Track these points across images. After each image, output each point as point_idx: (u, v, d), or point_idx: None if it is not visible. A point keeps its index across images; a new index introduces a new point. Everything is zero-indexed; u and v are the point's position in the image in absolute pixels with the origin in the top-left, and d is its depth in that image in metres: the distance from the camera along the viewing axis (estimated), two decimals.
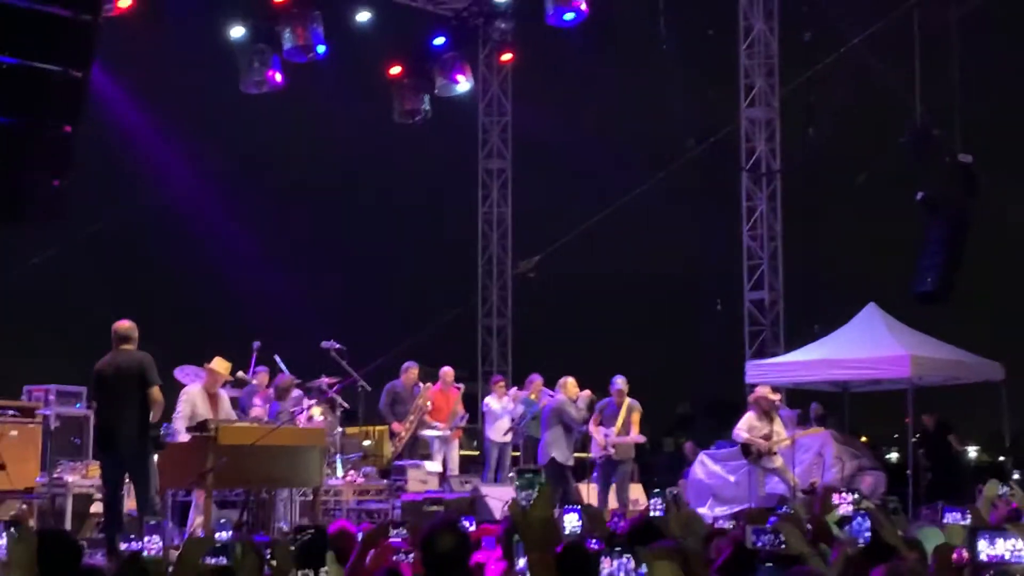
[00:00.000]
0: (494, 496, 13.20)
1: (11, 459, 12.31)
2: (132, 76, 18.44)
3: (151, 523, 5.66)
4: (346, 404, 14.94)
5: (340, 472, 14.29)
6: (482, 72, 22.65)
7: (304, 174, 22.93)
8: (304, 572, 5.77)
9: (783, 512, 7.47)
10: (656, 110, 20.37)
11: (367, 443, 15.64)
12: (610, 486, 14.52)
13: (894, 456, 24.95)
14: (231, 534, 6.04)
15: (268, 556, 5.48)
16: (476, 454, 17.57)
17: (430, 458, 15.06)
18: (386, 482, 14.45)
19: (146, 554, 5.45)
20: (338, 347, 14.91)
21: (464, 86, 18.92)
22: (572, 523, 6.05)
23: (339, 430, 14.77)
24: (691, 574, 5.13)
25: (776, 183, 20.37)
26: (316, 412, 13.80)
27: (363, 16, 18.22)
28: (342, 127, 20.96)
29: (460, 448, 16.30)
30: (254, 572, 5.28)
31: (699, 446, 18.14)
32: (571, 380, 14.63)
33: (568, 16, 17.32)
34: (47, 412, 13.15)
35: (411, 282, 24.24)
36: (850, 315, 17.60)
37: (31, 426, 13.12)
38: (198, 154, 20.99)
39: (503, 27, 20.39)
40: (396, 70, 18.88)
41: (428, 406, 15.15)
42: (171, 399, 11.63)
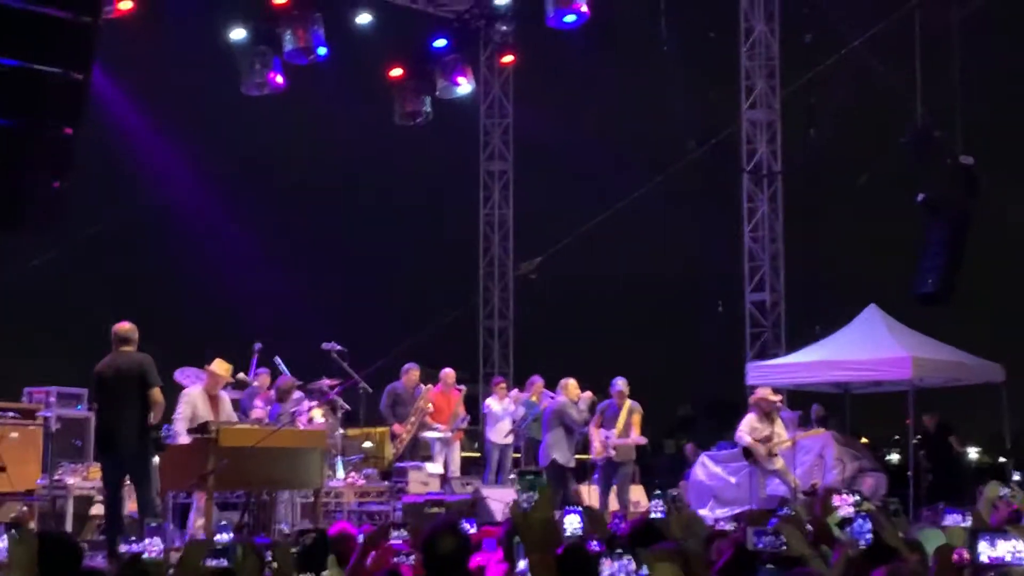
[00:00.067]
0: (495, 498, 13.18)
1: (12, 461, 12.29)
2: (132, 78, 18.45)
3: (152, 525, 5.65)
4: (347, 406, 14.94)
5: (341, 474, 14.29)
6: (483, 74, 22.64)
7: (305, 176, 22.92)
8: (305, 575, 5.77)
9: (784, 514, 7.46)
10: (657, 112, 20.37)
11: (368, 445, 15.62)
12: (611, 488, 14.51)
13: (895, 458, 24.92)
14: (232, 536, 6.04)
15: (269, 558, 5.49)
16: (477, 456, 17.55)
17: (431, 460, 15.06)
18: (387, 484, 14.44)
19: (146, 556, 5.45)
20: (339, 349, 14.92)
21: (465, 88, 18.91)
22: (573, 524, 6.03)
23: (340, 432, 14.76)
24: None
25: (777, 184, 20.40)
26: (317, 414, 13.79)
27: (364, 18, 18.23)
28: (343, 129, 20.96)
29: (461, 450, 16.29)
30: (255, 574, 5.28)
31: (700, 447, 18.14)
32: (572, 381, 14.61)
33: (569, 18, 17.31)
34: (48, 414, 13.13)
35: (412, 283, 24.23)
36: (851, 316, 17.59)
37: (32, 428, 13.11)
38: (198, 156, 20.98)
39: (504, 29, 20.39)
40: (397, 72, 18.88)
41: (429, 408, 15.15)
42: (171, 401, 11.63)
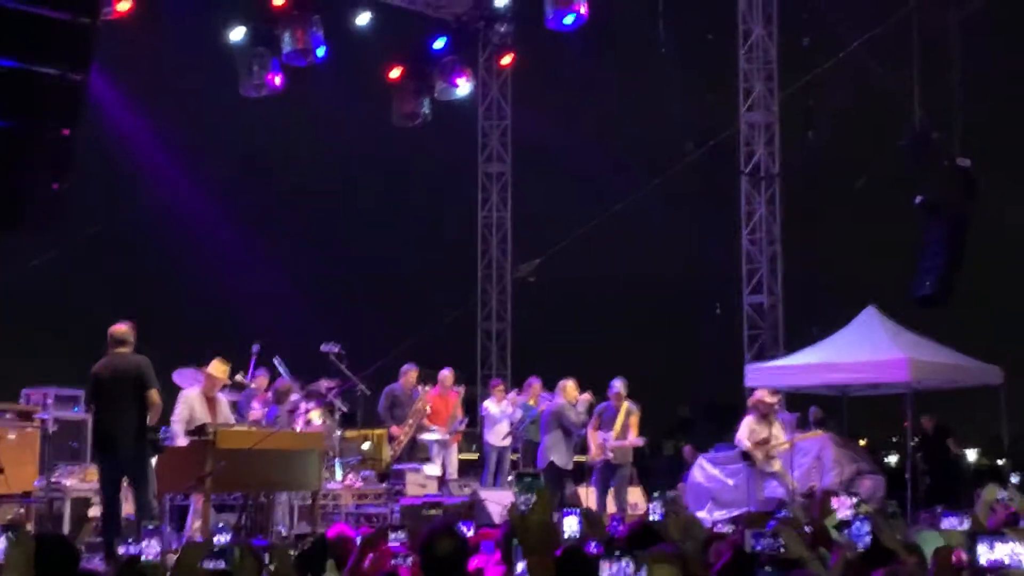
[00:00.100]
0: (493, 500, 13.16)
1: (9, 463, 12.25)
2: (131, 79, 18.42)
3: (149, 527, 5.64)
4: (345, 407, 14.92)
5: (339, 476, 14.28)
6: (482, 76, 22.64)
7: (304, 177, 22.91)
8: None
9: (782, 516, 7.46)
10: (655, 114, 20.39)
11: (366, 446, 15.61)
12: (609, 490, 14.50)
13: (893, 460, 24.90)
14: (229, 538, 6.03)
15: (266, 560, 5.48)
16: (475, 458, 17.53)
17: (429, 462, 15.05)
18: (385, 486, 14.43)
19: (144, 559, 5.44)
20: (337, 350, 14.90)
21: (464, 90, 18.92)
22: (571, 527, 6.03)
23: (338, 433, 14.75)
24: None
25: (775, 187, 20.39)
26: (315, 415, 13.78)
27: (362, 19, 18.23)
28: (342, 130, 20.95)
29: (459, 452, 16.28)
30: None
31: (698, 449, 18.12)
32: (571, 383, 14.59)
33: (568, 20, 17.32)
34: (45, 416, 13.12)
35: (410, 285, 24.23)
36: (849, 318, 17.55)
37: (29, 430, 13.09)
38: (197, 156, 20.97)
39: (503, 31, 20.40)
40: (396, 73, 18.88)
41: (427, 410, 15.15)
42: (169, 402, 11.62)
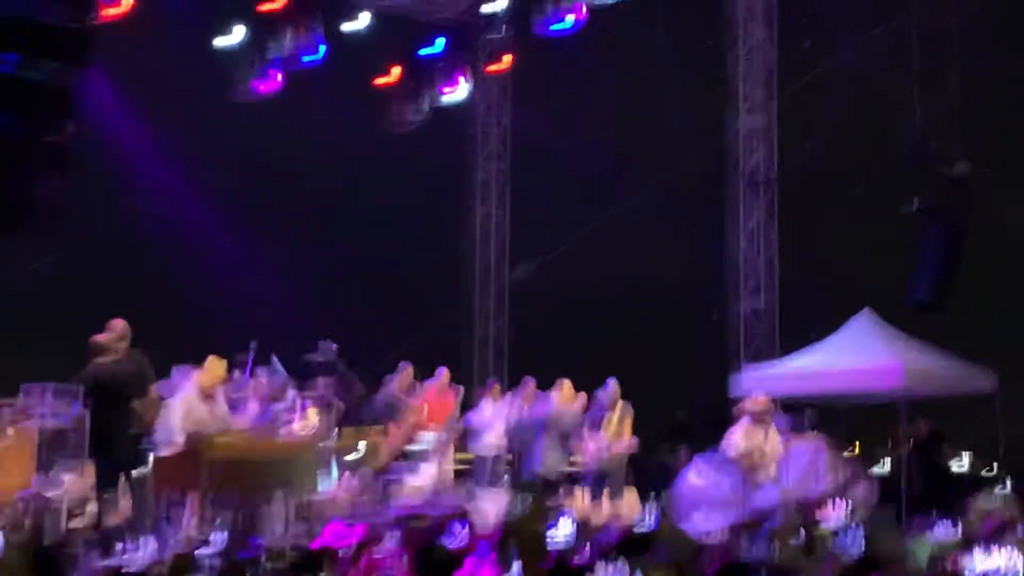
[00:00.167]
0: (487, 503, 13.17)
1: (6, 461, 12.29)
2: (129, 81, 18.43)
3: (145, 528, 5.67)
4: (341, 407, 14.92)
5: (335, 475, 14.28)
6: (480, 78, 22.65)
7: (301, 179, 22.89)
8: None
9: (776, 521, 7.49)
10: (653, 118, 20.37)
11: (361, 446, 15.61)
12: (602, 493, 14.49)
13: (886, 466, 24.89)
14: (225, 536, 6.06)
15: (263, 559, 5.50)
16: (471, 458, 17.53)
17: (424, 464, 15.03)
18: (380, 487, 14.43)
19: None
20: (334, 350, 14.92)
21: (462, 92, 18.94)
22: (564, 531, 6.06)
23: (334, 433, 14.75)
24: None
25: (773, 191, 20.39)
26: (311, 415, 13.79)
27: (359, 23, 18.24)
28: (338, 133, 20.93)
29: (454, 454, 16.27)
30: None
31: (694, 453, 18.09)
32: (567, 383, 14.61)
33: (567, 22, 17.34)
34: (43, 414, 13.13)
35: (408, 286, 24.21)
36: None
37: (26, 428, 13.10)
38: (196, 158, 20.95)
39: (501, 33, 20.41)
40: (392, 76, 18.90)
41: (423, 419, 15.09)
42: (166, 403, 11.61)
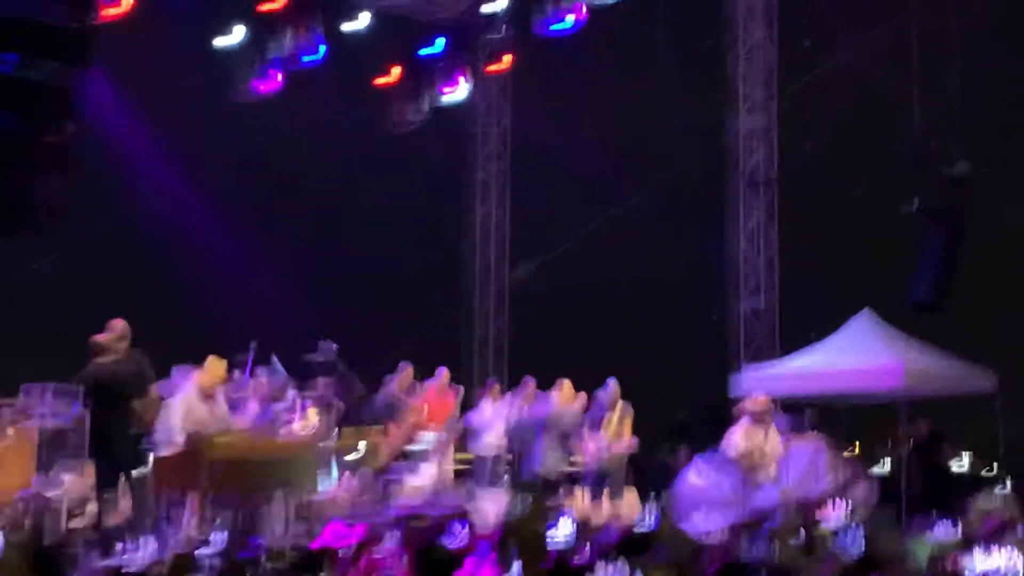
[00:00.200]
0: (487, 503, 13.17)
1: (6, 461, 12.29)
2: (129, 82, 18.43)
3: (145, 528, 5.67)
4: (341, 407, 14.93)
5: (335, 475, 14.27)
6: (480, 78, 22.64)
7: (301, 179, 22.89)
8: None
9: (776, 521, 7.48)
10: (653, 118, 20.36)
11: (361, 446, 15.62)
12: (602, 493, 14.49)
13: (886, 466, 24.90)
14: (224, 537, 6.05)
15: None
16: (471, 458, 17.53)
17: (424, 464, 15.03)
18: (380, 487, 14.43)
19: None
20: (334, 350, 14.92)
21: (462, 92, 18.95)
22: (565, 531, 6.06)
23: (334, 433, 14.75)
24: None
25: (773, 191, 20.39)
26: (311, 415, 13.78)
27: (359, 23, 18.25)
28: (338, 133, 20.93)
29: (454, 454, 16.28)
30: None
31: (694, 453, 18.08)
32: (567, 383, 14.61)
33: (566, 22, 17.34)
34: (43, 414, 13.13)
35: (407, 286, 24.21)
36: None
37: (26, 428, 13.10)
38: (196, 158, 20.95)
39: (501, 33, 20.41)
40: (393, 75, 18.90)
41: (423, 419, 15.10)
42: (166, 403, 11.61)
